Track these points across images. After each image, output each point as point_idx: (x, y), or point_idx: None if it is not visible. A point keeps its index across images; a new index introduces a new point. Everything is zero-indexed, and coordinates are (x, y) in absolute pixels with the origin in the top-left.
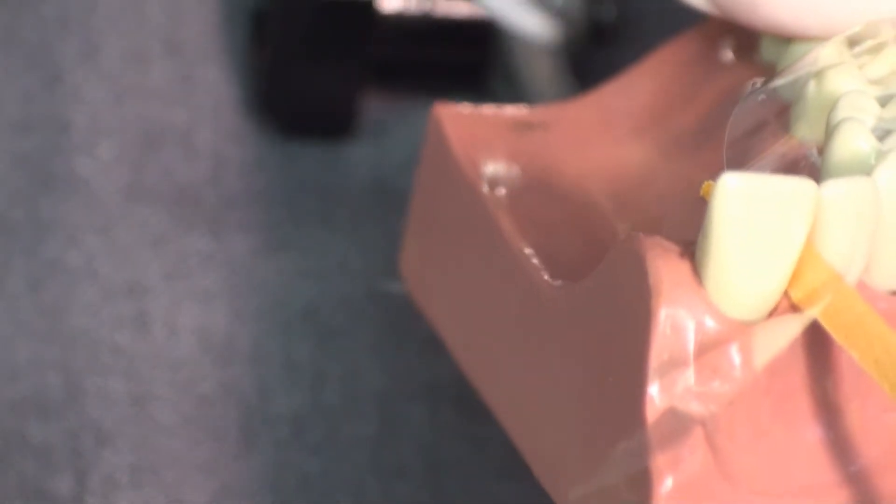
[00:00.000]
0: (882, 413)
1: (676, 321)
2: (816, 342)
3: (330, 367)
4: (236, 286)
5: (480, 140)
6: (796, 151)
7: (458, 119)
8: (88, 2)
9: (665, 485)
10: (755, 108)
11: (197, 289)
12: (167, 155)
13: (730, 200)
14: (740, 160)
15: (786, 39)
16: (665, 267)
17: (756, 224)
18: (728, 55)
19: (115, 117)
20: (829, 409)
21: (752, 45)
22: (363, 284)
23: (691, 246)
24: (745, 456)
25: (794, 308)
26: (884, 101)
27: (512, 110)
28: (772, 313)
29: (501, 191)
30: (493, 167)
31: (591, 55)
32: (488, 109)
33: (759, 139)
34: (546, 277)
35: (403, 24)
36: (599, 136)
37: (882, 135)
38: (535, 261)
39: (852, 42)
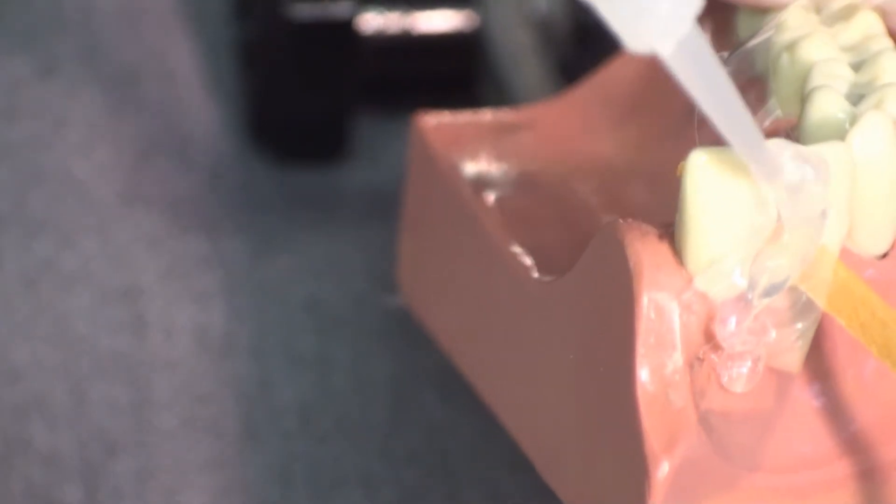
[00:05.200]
0: (878, 380)
1: (660, 304)
2: None
3: (336, 356)
4: (234, 286)
5: (464, 145)
6: (774, 127)
7: (439, 127)
8: (84, 5)
9: (662, 469)
10: None
11: (193, 290)
12: (162, 166)
13: (701, 175)
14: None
15: (761, 14)
16: (644, 250)
17: (730, 197)
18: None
19: (110, 126)
20: (824, 379)
21: (728, 28)
22: (364, 276)
23: (670, 227)
24: (741, 433)
25: None
26: (857, 67)
27: (493, 114)
28: None
29: (488, 193)
30: (477, 171)
31: (578, 58)
32: (469, 115)
33: None
34: (534, 275)
35: (386, 43)
36: (581, 132)
37: (856, 100)
38: (522, 259)
39: (818, 6)
